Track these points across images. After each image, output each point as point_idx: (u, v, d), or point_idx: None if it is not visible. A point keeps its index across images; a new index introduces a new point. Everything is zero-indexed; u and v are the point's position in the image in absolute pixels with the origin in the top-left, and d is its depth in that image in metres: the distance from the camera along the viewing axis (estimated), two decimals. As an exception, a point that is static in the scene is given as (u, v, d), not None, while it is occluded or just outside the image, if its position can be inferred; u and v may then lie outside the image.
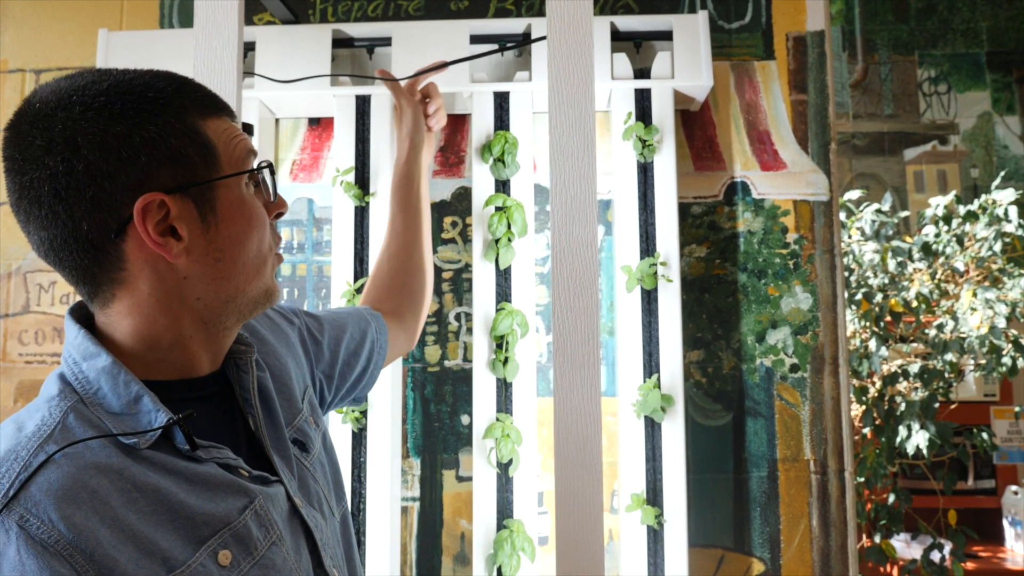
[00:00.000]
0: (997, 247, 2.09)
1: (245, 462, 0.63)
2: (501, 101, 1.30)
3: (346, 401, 0.90)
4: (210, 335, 0.63)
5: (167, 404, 0.59)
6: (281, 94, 1.30)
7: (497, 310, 1.24)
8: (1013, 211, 2.08)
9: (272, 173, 0.66)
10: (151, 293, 0.59)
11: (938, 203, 2.22)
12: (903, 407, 2.04)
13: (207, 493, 0.58)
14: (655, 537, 1.20)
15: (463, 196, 1.37)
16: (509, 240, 1.25)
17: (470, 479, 1.29)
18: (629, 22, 1.29)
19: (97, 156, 0.56)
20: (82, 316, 0.63)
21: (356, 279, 1.27)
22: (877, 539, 2.07)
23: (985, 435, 2.15)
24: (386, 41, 1.31)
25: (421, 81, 1.17)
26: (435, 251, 1.35)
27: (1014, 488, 2.56)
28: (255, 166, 0.64)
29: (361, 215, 1.29)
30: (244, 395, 0.66)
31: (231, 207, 0.61)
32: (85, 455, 0.54)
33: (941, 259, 2.19)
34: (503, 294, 1.25)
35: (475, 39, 1.30)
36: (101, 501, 0.52)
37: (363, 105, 1.31)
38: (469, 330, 1.33)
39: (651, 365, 1.23)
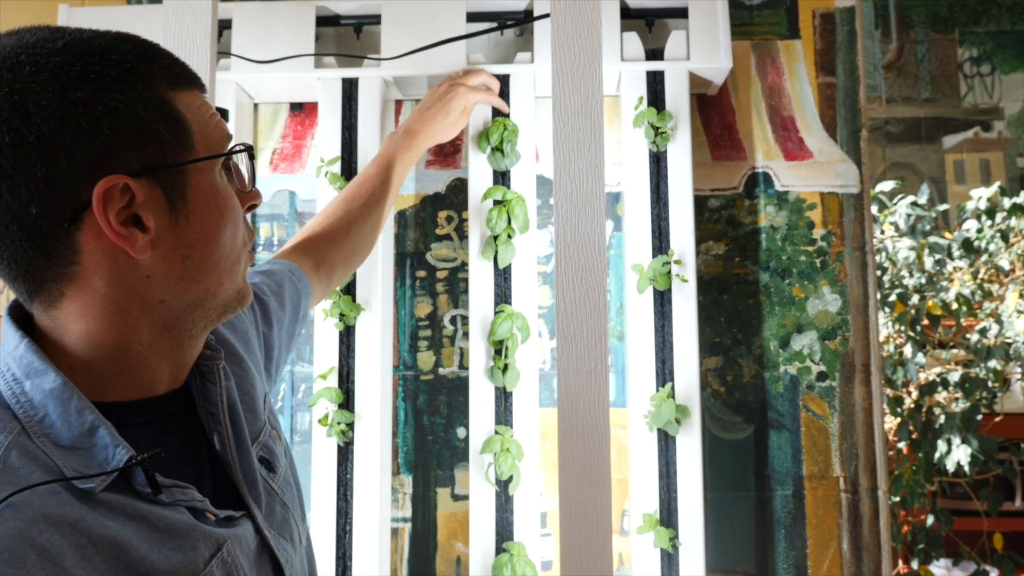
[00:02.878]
0: (1046, 243, 2.09)
1: (211, 494, 0.61)
2: (501, 85, 1.30)
3: None
4: (174, 344, 0.60)
5: (122, 432, 0.56)
6: (260, 76, 1.29)
7: (496, 313, 1.25)
8: (1063, 204, 2.08)
9: (251, 158, 0.63)
10: (107, 293, 0.55)
11: (980, 195, 2.22)
12: (942, 419, 2.04)
13: (171, 542, 0.54)
14: (669, 562, 1.20)
15: (459, 188, 1.37)
16: (509, 237, 1.26)
17: (466, 498, 1.29)
18: (640, -2, 1.30)
19: (52, 127, 0.51)
20: (22, 317, 0.58)
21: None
22: (914, 565, 2.06)
23: (1033, 450, 2.15)
24: (375, 19, 1.31)
25: (477, 94, 1.24)
26: (429, 248, 1.36)
27: (1065, 509, 2.55)
28: (232, 149, 0.61)
29: None
30: (211, 410, 0.64)
31: (204, 196, 0.58)
32: (34, 504, 0.49)
33: (984, 257, 2.19)
34: (502, 295, 1.26)
35: (472, 17, 1.29)
36: (52, 562, 0.48)
37: (350, 89, 1.31)
38: (465, 335, 1.33)
39: (664, 373, 1.24)
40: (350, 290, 1.25)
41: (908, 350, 2.07)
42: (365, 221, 1.04)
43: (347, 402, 1.24)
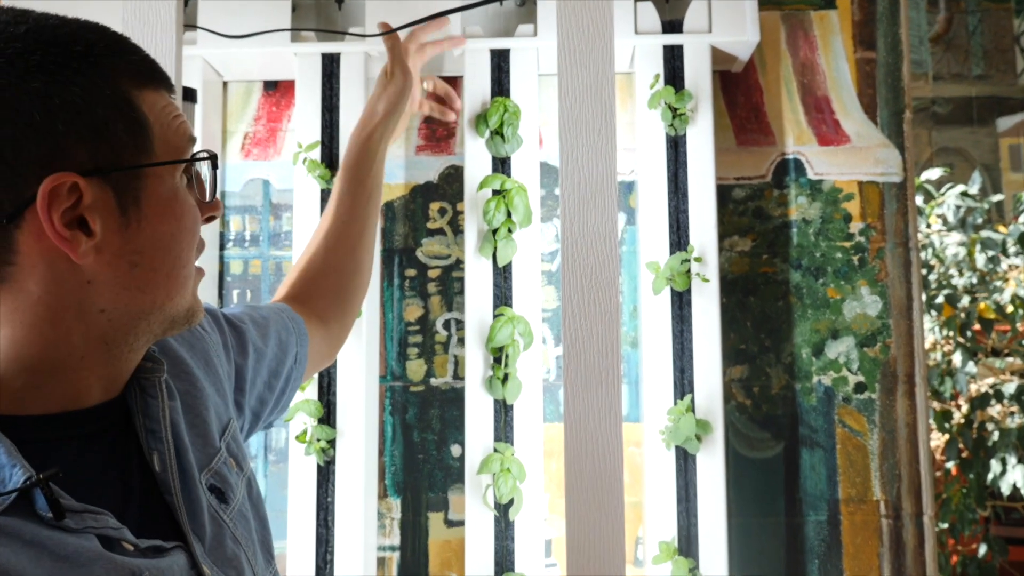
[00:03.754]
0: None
1: (137, 520, 0.60)
2: (500, 61, 1.30)
3: (250, 436, 0.87)
4: (110, 358, 0.61)
5: (38, 445, 0.56)
6: (230, 52, 1.29)
7: (495, 316, 1.25)
8: None
9: (215, 167, 0.65)
10: (41, 298, 0.56)
11: (1039, 184, 2.22)
12: (996, 436, 2.04)
13: (71, 572, 0.54)
14: (689, 595, 1.21)
15: (453, 177, 1.37)
16: (509, 231, 1.26)
17: (462, 524, 1.29)
18: (656, -37, 1.30)
19: (2, 116, 0.53)
20: None
21: None
22: (964, 599, 2.06)
23: (1098, 471, 2.14)
24: (359, -13, 1.32)
25: (425, 46, 1.19)
26: (419, 243, 1.36)
27: None
28: (195, 155, 0.63)
29: (323, 201, 1.26)
30: (151, 427, 0.64)
31: (160, 202, 0.60)
32: None
33: (1043, 253, 2.18)
34: (502, 297, 1.26)
35: (468, -16, 1.30)
36: None
37: (331, 66, 1.31)
38: (461, 341, 1.33)
39: (683, 384, 1.24)
40: None
41: (957, 358, 2.07)
42: (340, 246, 1.02)
43: (328, 416, 1.24)
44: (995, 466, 2.03)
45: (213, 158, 0.64)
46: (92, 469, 0.60)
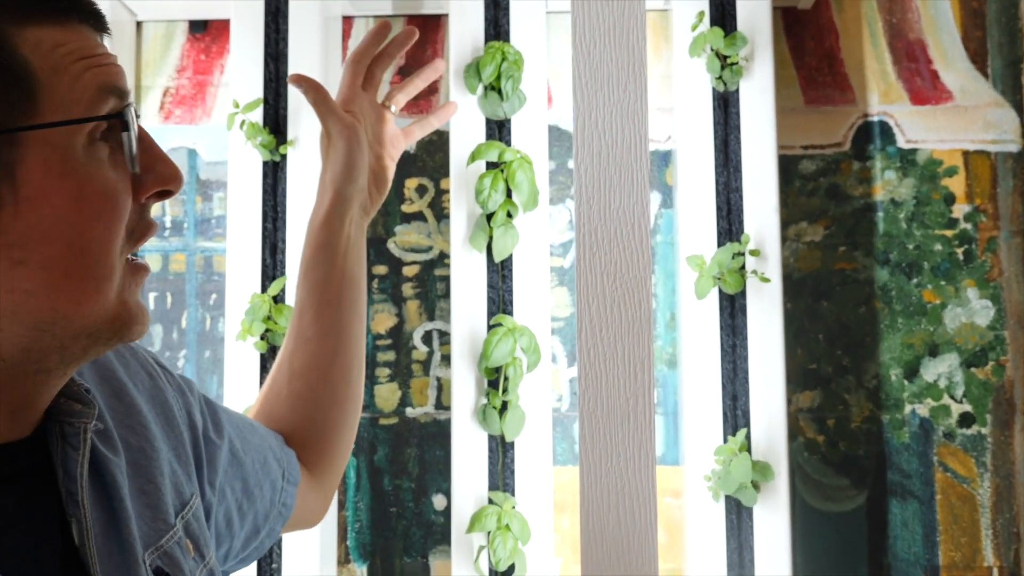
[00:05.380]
0: None
1: None
2: (494, 7, 1.31)
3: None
4: (10, 380, 0.60)
5: None
6: (146, -16, 1.31)
7: (490, 327, 1.25)
8: None
9: (128, 125, 0.61)
10: None
11: None
12: None
13: None
14: None
15: (436, 146, 1.37)
16: (509, 216, 1.26)
17: (447, 597, 1.29)
18: None
19: None
20: None
21: (267, 281, 1.27)
22: None
23: None
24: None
25: (375, 69, 1.03)
26: (391, 232, 1.36)
27: None
28: (111, 111, 0.60)
29: (274, 175, 1.29)
30: (69, 487, 0.63)
31: (50, 177, 0.58)
32: None
33: None
34: (499, 301, 1.26)
35: None
36: None
37: (276, 1, 1.31)
38: (446, 359, 1.34)
39: (736, 415, 1.24)
40: (278, 298, 1.26)
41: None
42: (308, 372, 0.96)
43: (272, 458, 1.25)
44: None
45: (122, 112, 0.60)
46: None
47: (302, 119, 1.30)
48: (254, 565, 1.24)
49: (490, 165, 1.27)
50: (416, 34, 1.06)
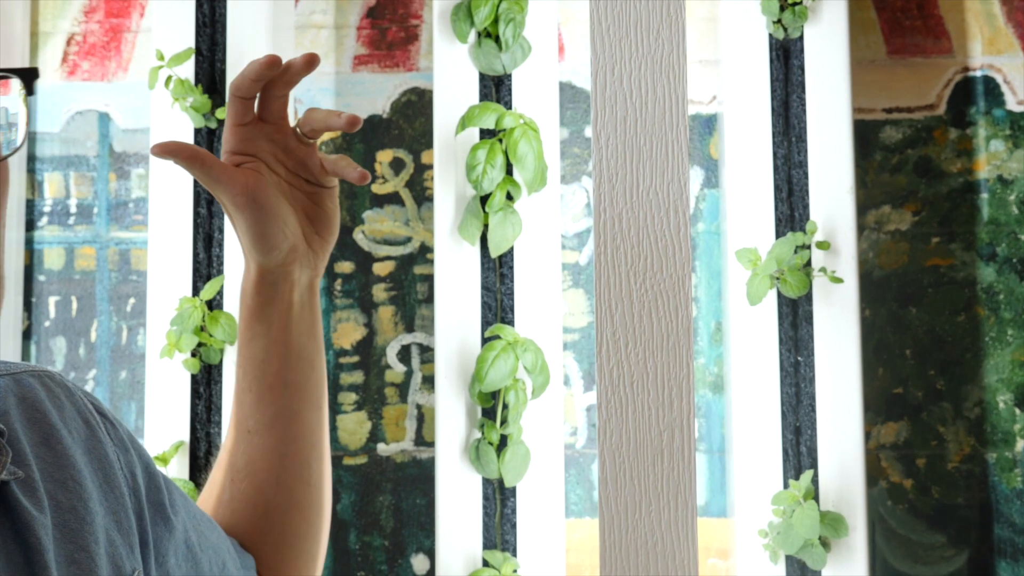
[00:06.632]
0: None
1: None
2: None
3: None
4: None
5: None
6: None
7: (484, 341, 1.24)
8: None
9: (29, 86, 0.63)
10: None
11: None
12: None
13: None
14: None
15: (415, 109, 1.37)
16: (510, 198, 1.26)
17: None
18: None
19: None
20: None
21: (200, 281, 1.28)
22: None
23: None
24: None
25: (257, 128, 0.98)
26: (359, 219, 1.36)
27: None
28: None
29: (209, 146, 1.28)
30: None
31: None
32: None
33: None
34: (497, 307, 1.26)
35: None
36: None
37: None
38: (428, 381, 1.33)
39: (800, 453, 1.24)
40: (214, 303, 1.27)
41: None
42: (255, 471, 0.96)
43: (207, 507, 1.23)
44: None
45: (25, 74, 0.62)
46: None
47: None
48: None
49: (485, 133, 1.28)
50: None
